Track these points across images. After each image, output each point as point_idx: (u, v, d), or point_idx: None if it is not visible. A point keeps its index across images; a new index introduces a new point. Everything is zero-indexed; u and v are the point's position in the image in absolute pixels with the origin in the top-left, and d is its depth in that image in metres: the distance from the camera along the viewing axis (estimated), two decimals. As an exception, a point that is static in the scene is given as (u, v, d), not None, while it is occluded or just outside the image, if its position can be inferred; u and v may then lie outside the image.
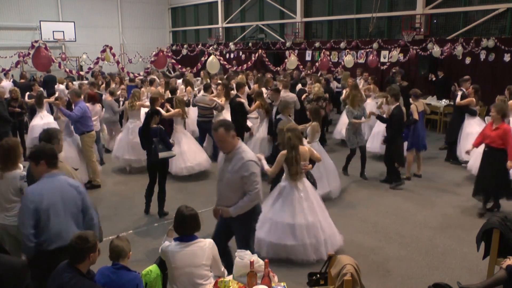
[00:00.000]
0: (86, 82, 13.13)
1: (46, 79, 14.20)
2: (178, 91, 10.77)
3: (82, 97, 8.36)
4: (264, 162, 4.88)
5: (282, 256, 5.02)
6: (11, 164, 4.11)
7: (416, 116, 8.02)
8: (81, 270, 2.95)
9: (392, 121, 7.62)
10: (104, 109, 9.72)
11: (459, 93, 9.11)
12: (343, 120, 10.86)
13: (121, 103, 10.20)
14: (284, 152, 5.04)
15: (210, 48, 13.56)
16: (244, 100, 9.06)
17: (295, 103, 8.97)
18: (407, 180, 8.00)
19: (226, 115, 9.07)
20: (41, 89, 12.00)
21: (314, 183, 5.60)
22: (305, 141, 5.88)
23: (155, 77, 13.20)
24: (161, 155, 6.25)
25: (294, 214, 4.99)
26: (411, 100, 8.43)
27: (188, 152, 8.20)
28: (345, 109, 8.30)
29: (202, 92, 9.71)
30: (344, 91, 10.88)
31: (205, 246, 3.45)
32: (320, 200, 5.33)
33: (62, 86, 13.32)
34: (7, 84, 12.85)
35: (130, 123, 8.87)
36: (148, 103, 9.46)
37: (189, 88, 11.28)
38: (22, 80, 13.65)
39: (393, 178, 7.79)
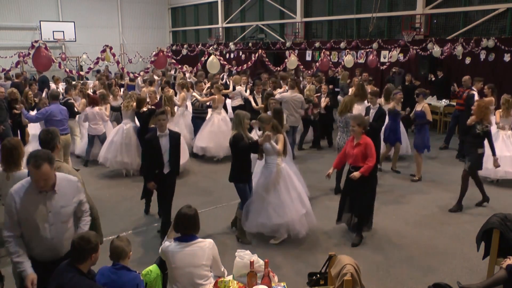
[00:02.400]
0: (89, 82, 13.17)
1: (42, 79, 14.22)
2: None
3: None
4: (274, 144, 5.48)
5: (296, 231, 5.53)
6: (14, 164, 4.10)
7: (430, 117, 7.83)
8: (81, 270, 2.96)
9: (380, 120, 7.65)
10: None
11: (476, 93, 9.17)
12: None
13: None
14: (281, 135, 5.67)
15: (210, 48, 13.56)
16: (251, 98, 9.43)
17: (302, 103, 8.98)
18: (418, 181, 8.01)
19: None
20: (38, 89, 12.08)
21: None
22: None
23: (155, 77, 13.22)
24: None
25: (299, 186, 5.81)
26: (419, 99, 8.08)
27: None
28: (347, 118, 7.27)
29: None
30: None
31: (205, 246, 3.45)
32: None
33: (53, 86, 13.35)
34: (8, 83, 12.96)
35: (124, 124, 8.55)
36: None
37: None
38: (16, 80, 13.68)
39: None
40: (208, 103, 9.54)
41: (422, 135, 7.94)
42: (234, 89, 11.21)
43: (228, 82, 12.21)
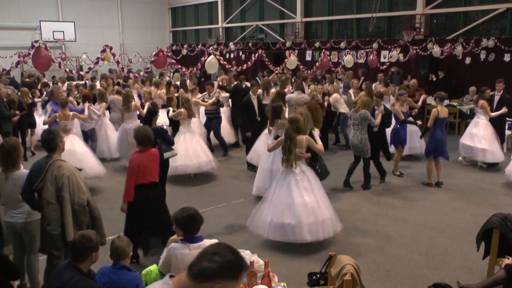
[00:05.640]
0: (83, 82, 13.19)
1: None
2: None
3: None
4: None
5: (280, 236, 5.33)
6: (12, 165, 4.11)
7: (430, 123, 7.53)
8: (81, 269, 2.96)
9: (386, 120, 7.77)
10: (111, 108, 9.93)
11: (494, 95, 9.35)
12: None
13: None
14: (282, 138, 5.52)
15: (210, 48, 13.56)
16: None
17: None
18: (429, 186, 7.76)
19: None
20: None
21: (320, 174, 5.93)
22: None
23: (159, 79, 13.19)
24: (166, 155, 6.31)
25: (291, 194, 5.34)
26: (436, 102, 7.83)
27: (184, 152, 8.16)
28: (362, 114, 7.36)
29: None
30: (351, 92, 10.65)
31: None
32: (319, 185, 5.60)
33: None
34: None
35: (126, 124, 8.69)
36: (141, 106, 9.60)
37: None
38: (28, 80, 13.75)
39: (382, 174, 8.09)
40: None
41: (430, 139, 7.67)
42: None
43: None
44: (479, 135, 8.68)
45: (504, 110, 8.70)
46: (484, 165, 8.89)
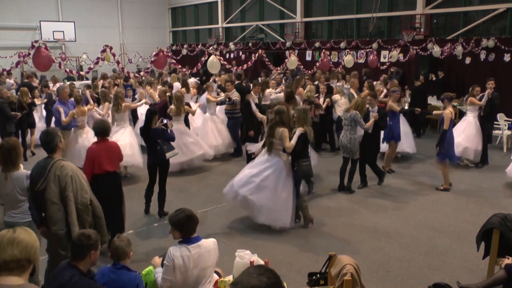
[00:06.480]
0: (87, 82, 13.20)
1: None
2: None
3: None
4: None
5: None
6: (12, 165, 4.11)
7: (447, 125, 7.24)
8: (81, 269, 2.96)
9: (383, 121, 7.66)
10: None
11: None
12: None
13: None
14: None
15: (210, 48, 13.56)
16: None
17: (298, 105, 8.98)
18: (446, 191, 7.52)
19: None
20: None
21: (295, 172, 6.06)
22: None
23: (152, 78, 13.16)
24: (168, 155, 6.35)
25: (249, 166, 6.17)
26: (444, 104, 7.71)
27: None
28: (352, 115, 7.23)
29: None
30: (352, 91, 10.61)
31: (210, 247, 3.44)
32: (286, 183, 5.93)
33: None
34: (10, 83, 12.98)
35: (117, 127, 8.36)
36: (136, 104, 9.60)
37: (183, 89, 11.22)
38: (26, 80, 13.75)
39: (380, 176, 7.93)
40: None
41: (444, 144, 7.38)
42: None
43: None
44: (460, 129, 8.76)
45: (489, 88, 8.70)
46: (471, 164, 8.92)
